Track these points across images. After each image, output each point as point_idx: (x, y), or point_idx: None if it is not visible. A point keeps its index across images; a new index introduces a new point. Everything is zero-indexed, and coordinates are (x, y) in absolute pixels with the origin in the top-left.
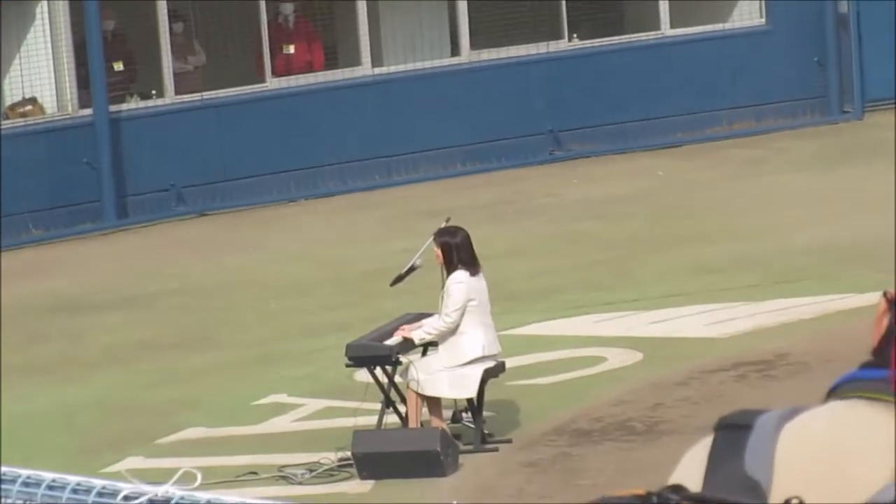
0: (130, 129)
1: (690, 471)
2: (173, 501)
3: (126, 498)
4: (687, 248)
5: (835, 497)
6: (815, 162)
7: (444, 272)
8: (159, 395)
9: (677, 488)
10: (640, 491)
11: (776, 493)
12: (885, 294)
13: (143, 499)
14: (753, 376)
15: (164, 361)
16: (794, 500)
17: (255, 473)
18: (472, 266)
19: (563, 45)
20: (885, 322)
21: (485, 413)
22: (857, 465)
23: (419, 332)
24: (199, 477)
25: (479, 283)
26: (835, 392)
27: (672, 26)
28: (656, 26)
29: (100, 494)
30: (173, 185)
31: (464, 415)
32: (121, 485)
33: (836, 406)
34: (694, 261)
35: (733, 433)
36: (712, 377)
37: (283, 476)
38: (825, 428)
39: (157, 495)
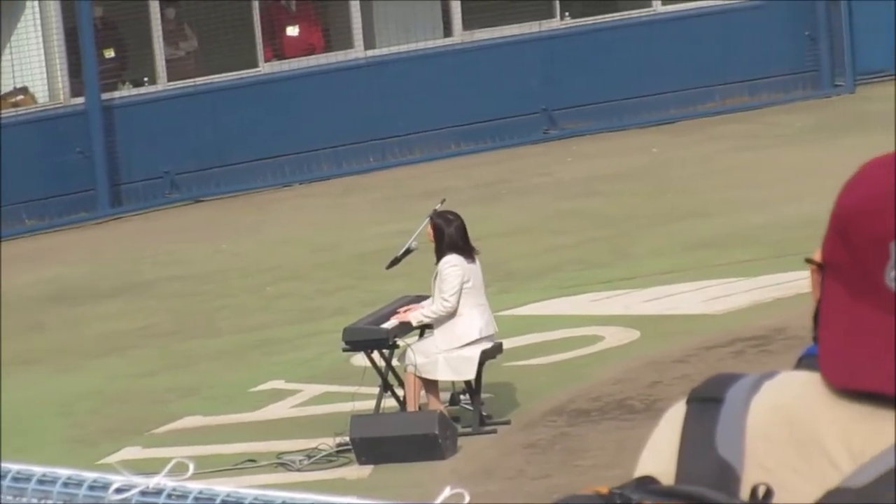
0: (123, 117)
1: (663, 449)
2: (165, 493)
3: (118, 491)
4: (682, 224)
5: (807, 473)
6: (809, 135)
7: (437, 254)
8: (156, 383)
9: (644, 481)
10: (604, 489)
11: (749, 471)
12: (807, 260)
13: (134, 491)
14: (751, 352)
15: (161, 349)
16: (761, 487)
17: (253, 461)
18: (467, 252)
19: (555, 23)
20: (819, 286)
21: (483, 395)
22: (820, 439)
23: (416, 315)
24: (192, 467)
25: (474, 266)
26: (799, 365)
27: (664, 3)
28: (648, 3)
29: (91, 487)
30: (167, 172)
31: (462, 397)
32: (112, 477)
33: (799, 377)
34: (690, 237)
35: (705, 407)
36: (710, 353)
37: (281, 463)
38: (790, 402)
39: (148, 487)
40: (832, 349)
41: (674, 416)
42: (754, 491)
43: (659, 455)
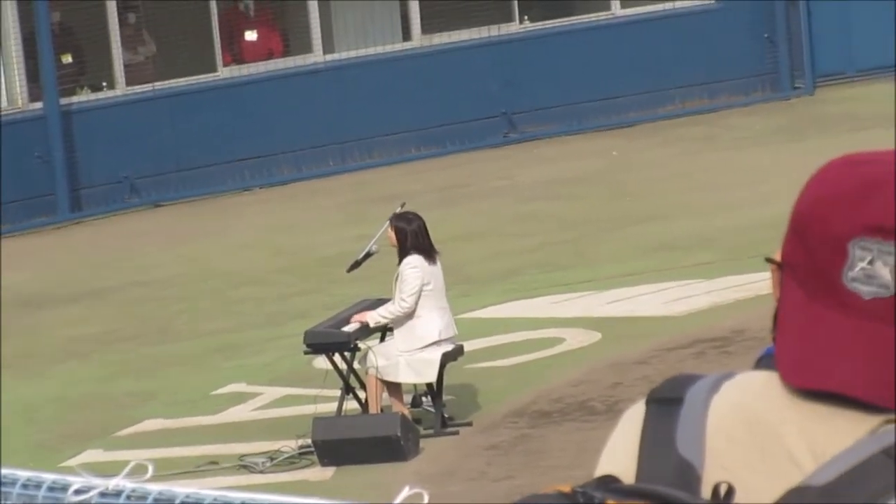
0: (82, 122)
1: (622, 449)
2: (124, 494)
3: (77, 492)
4: (642, 226)
5: (768, 472)
6: (768, 137)
7: (399, 257)
8: (118, 387)
9: (606, 480)
10: (566, 488)
11: (710, 471)
12: (768, 260)
13: (93, 493)
14: (711, 353)
15: (123, 354)
16: (723, 486)
17: (215, 463)
18: (428, 253)
19: (514, 27)
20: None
21: (444, 397)
22: (781, 439)
23: (374, 315)
24: (151, 469)
25: (435, 268)
26: (759, 364)
27: (622, 6)
28: (606, 7)
29: (50, 489)
30: (127, 177)
31: (423, 399)
32: (71, 479)
33: (759, 376)
34: (650, 239)
35: (664, 407)
36: (670, 355)
37: (243, 465)
38: (750, 401)
39: (108, 488)
40: (790, 350)
41: (633, 417)
42: (716, 490)
43: (619, 455)
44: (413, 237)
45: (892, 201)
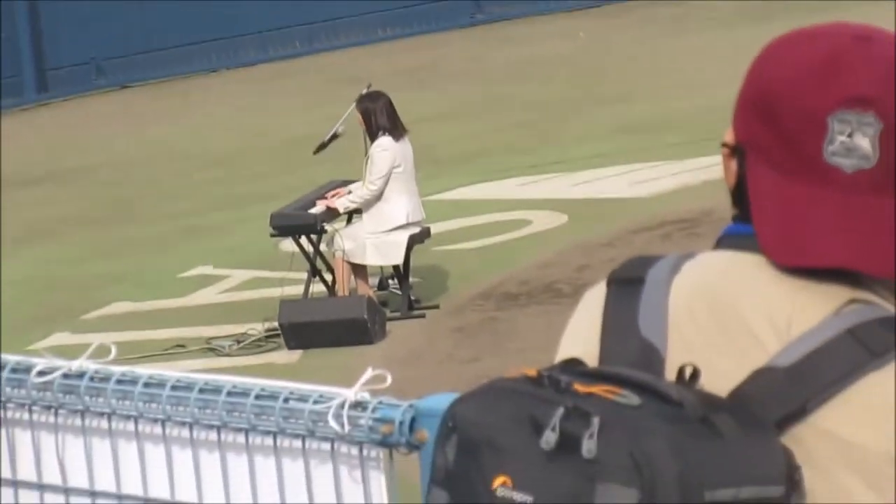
0: (48, 3)
1: (584, 332)
2: (87, 375)
3: (40, 373)
4: (610, 108)
5: (732, 352)
6: (739, 18)
7: (367, 138)
8: (85, 269)
9: (572, 363)
10: (532, 371)
11: (673, 352)
12: (724, 144)
13: (56, 373)
14: (678, 235)
15: (89, 236)
16: (688, 368)
17: (182, 346)
18: (396, 130)
19: None
20: (734, 167)
21: (411, 279)
22: (745, 319)
23: (342, 201)
24: (114, 350)
25: (405, 147)
26: (720, 244)
27: None
28: None
29: (13, 370)
30: (94, 58)
31: (390, 281)
32: (34, 360)
33: (720, 256)
34: (617, 121)
35: (626, 288)
36: (637, 237)
37: (210, 348)
38: (712, 280)
39: (70, 370)
40: (774, 231)
41: (594, 298)
42: (681, 372)
43: (581, 337)
44: (380, 115)
45: (865, 71)
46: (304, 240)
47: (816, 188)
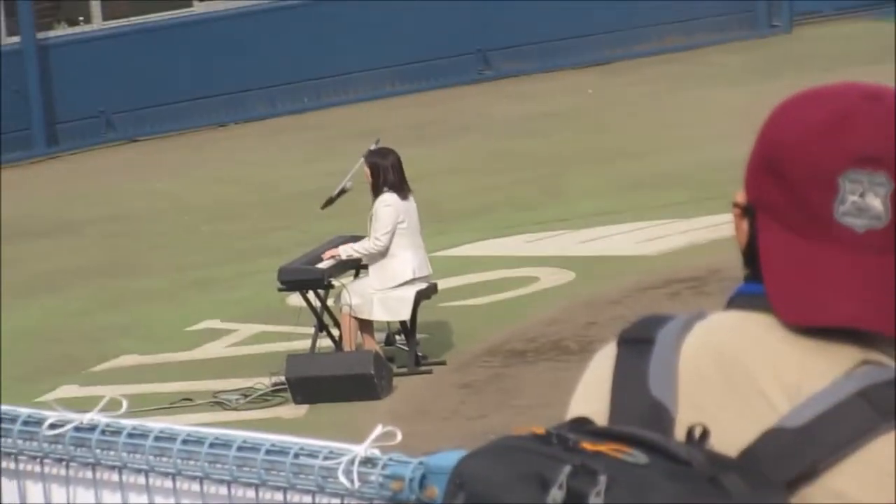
0: (58, 56)
1: (594, 390)
2: (99, 428)
3: (52, 426)
4: (617, 164)
5: (742, 412)
6: (745, 76)
7: (373, 194)
8: (92, 322)
9: (580, 422)
10: (540, 429)
11: (683, 411)
12: (736, 204)
13: (68, 427)
14: (686, 293)
15: (97, 288)
16: (697, 427)
17: (189, 400)
18: (401, 189)
19: None
20: (745, 227)
21: (418, 335)
22: (754, 379)
23: (346, 248)
24: (125, 404)
25: (409, 204)
26: (731, 304)
27: None
28: None
29: (25, 423)
30: (103, 112)
31: (397, 337)
32: (46, 413)
33: (731, 317)
34: (625, 178)
35: (636, 348)
36: (645, 295)
37: (217, 402)
38: (722, 340)
39: (82, 423)
40: (785, 289)
41: (604, 357)
42: (690, 431)
43: (591, 396)
44: (388, 173)
45: (875, 130)
46: (311, 294)
47: (827, 248)
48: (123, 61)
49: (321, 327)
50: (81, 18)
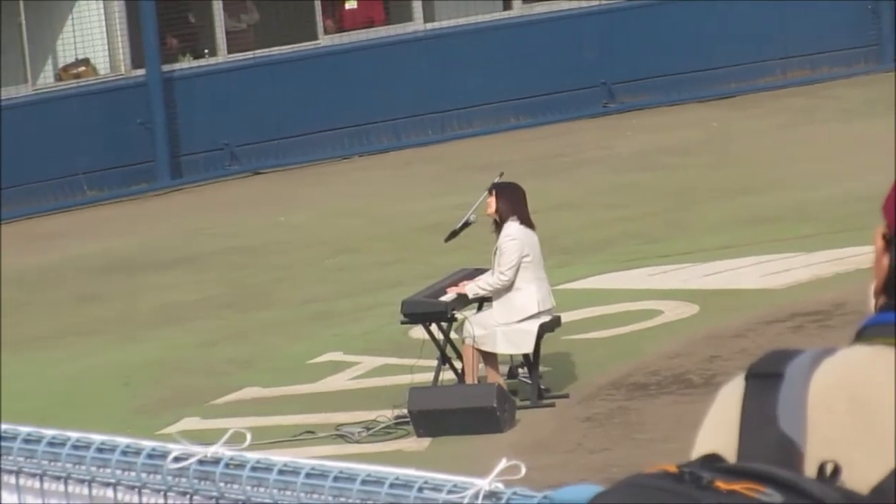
0: (183, 89)
1: (723, 426)
2: (223, 462)
3: (176, 459)
4: (742, 198)
5: (872, 449)
6: (870, 109)
7: (496, 227)
8: (215, 354)
9: (711, 459)
10: (671, 468)
11: (812, 448)
12: (883, 236)
13: (192, 460)
14: (810, 327)
15: (220, 320)
16: (829, 464)
17: (311, 432)
18: (525, 222)
19: None
20: (886, 261)
21: (541, 368)
22: (886, 414)
23: (472, 287)
24: (249, 437)
25: (532, 238)
26: (861, 337)
27: None
28: None
29: (149, 456)
30: (227, 144)
31: (520, 370)
32: (171, 446)
33: (862, 351)
34: (749, 211)
35: (764, 383)
36: (769, 328)
37: (339, 434)
38: (853, 376)
39: (206, 456)
40: None
41: (732, 392)
42: (822, 468)
43: (719, 432)
44: (512, 207)
45: None
46: (434, 327)
47: None
48: (248, 94)
49: (444, 360)
50: (206, 51)
